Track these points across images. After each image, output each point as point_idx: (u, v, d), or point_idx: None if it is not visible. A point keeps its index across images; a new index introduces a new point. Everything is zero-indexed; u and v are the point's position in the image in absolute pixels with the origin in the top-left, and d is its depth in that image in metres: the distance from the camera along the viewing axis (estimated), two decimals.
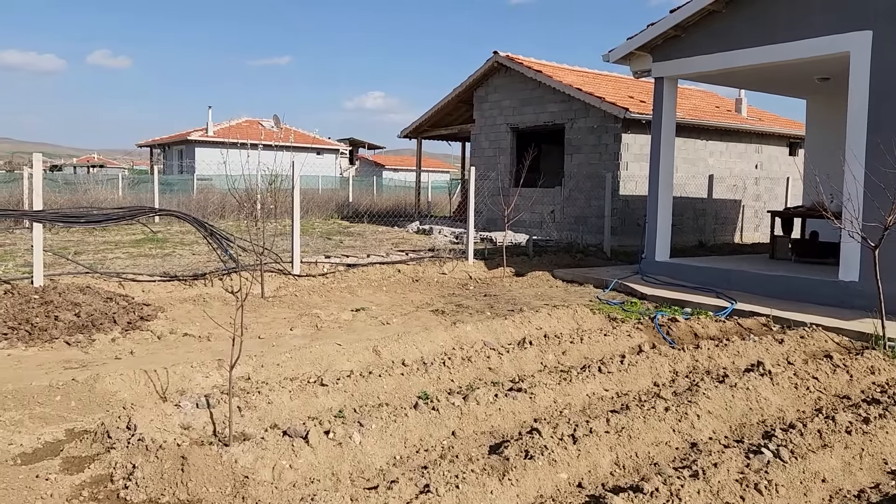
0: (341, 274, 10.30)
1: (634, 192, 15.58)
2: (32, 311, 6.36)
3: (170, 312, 7.44)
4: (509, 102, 18.09)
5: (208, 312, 7.61)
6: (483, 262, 11.98)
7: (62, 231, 16.45)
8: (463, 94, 19.33)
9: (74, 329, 6.26)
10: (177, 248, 13.95)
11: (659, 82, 10.41)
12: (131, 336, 6.39)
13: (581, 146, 16.20)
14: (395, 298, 8.89)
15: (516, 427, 4.48)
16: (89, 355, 5.87)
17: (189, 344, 6.34)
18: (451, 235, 17.81)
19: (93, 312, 6.54)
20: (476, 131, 19.20)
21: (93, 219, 8.45)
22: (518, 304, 8.58)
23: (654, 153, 10.57)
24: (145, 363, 5.62)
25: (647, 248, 10.63)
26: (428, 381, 5.21)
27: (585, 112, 15.97)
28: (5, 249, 12.95)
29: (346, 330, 7.02)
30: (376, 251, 14.15)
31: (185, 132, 34.33)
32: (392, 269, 10.79)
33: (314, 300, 8.55)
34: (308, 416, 4.51)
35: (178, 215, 9.33)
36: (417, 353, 6.12)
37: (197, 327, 6.94)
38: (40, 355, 5.77)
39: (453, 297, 9.03)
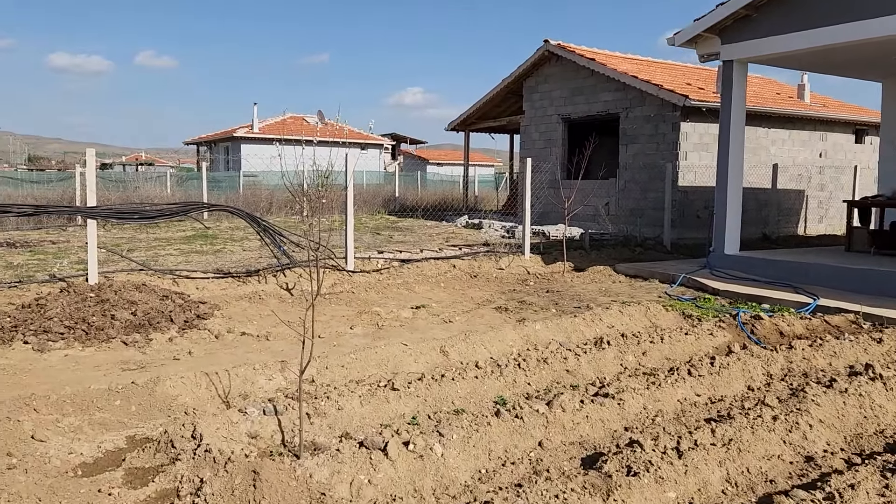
0: (395, 270, 10.00)
1: (694, 183, 14.96)
2: (88, 309, 6.19)
3: (226, 310, 7.23)
4: (560, 92, 17.59)
5: (265, 310, 7.38)
6: (540, 256, 11.57)
7: (114, 228, 16.56)
8: (512, 84, 18.89)
9: (131, 328, 6.07)
10: (227, 245, 13.85)
11: (727, 66, 9.85)
12: (188, 335, 6.18)
13: (637, 136, 15.63)
14: (454, 295, 8.55)
15: (606, 436, 4.09)
16: (147, 356, 5.66)
17: (248, 344, 6.10)
18: (502, 230, 17.41)
19: (149, 311, 6.34)
20: (526, 123, 18.75)
21: (146, 215, 8.31)
22: (583, 300, 8.16)
23: (722, 141, 10.01)
24: (204, 364, 5.38)
25: (716, 241, 10.09)
26: (503, 384, 4.86)
27: (641, 100, 15.39)
28: (59, 247, 12.99)
29: (408, 328, 6.70)
30: (428, 246, 13.85)
31: (231, 129, 34.56)
32: (447, 264, 10.45)
33: (371, 297, 8.26)
34: (380, 424, 4.20)
35: (231, 210, 9.15)
36: (486, 353, 5.77)
37: (254, 326, 6.70)
38: (97, 356, 5.59)
39: (514, 294, 8.65)
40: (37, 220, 16.56)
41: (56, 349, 5.67)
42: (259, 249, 13.05)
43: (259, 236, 9.30)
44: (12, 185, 27.42)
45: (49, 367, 5.27)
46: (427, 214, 20.45)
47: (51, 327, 5.89)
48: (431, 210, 20.62)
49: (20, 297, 7.40)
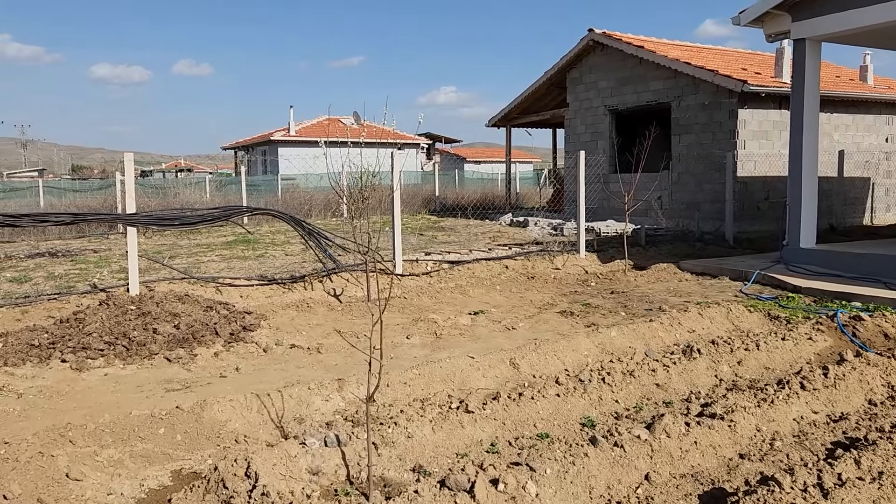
0: (446, 272, 9.48)
1: (753, 174, 14.15)
2: (129, 323, 5.79)
3: (273, 320, 6.79)
4: (606, 83, 16.89)
5: (313, 320, 6.93)
6: (595, 254, 10.95)
7: (155, 235, 16.37)
8: (555, 77, 18.24)
9: (174, 343, 5.66)
10: (269, 249, 13.50)
11: (800, 45, 9.11)
12: (235, 349, 5.74)
13: (690, 125, 14.87)
14: (512, 299, 8.00)
15: (720, 466, 3.50)
16: (192, 373, 5.23)
17: (298, 358, 5.63)
18: (549, 227, 16.78)
19: (193, 323, 5.92)
20: (570, 115, 18.08)
21: (187, 220, 7.94)
22: (653, 301, 7.54)
23: (795, 127, 9.27)
24: (253, 382, 4.93)
25: (790, 235, 9.35)
26: (588, 402, 4.29)
27: (694, 88, 14.62)
28: (101, 256, 12.78)
29: (469, 337, 6.17)
30: (475, 246, 13.31)
31: (268, 133, 34.47)
32: (499, 265, 9.90)
33: (424, 302, 7.75)
34: (455, 453, 3.68)
35: (274, 214, 8.73)
36: (560, 364, 5.22)
37: (304, 337, 6.24)
38: (139, 374, 5.17)
39: (577, 296, 8.06)
40: (78, 229, 16.46)
41: (95, 367, 5.27)
42: (302, 254, 12.67)
43: (303, 240, 8.86)
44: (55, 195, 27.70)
45: (88, 388, 4.86)
46: (469, 213, 19.91)
47: (90, 343, 5.50)
48: (473, 209, 20.08)
49: (59, 310, 7.08)
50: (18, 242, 15.49)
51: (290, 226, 8.81)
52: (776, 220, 14.39)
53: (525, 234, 16.15)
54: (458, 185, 36.41)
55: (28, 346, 5.60)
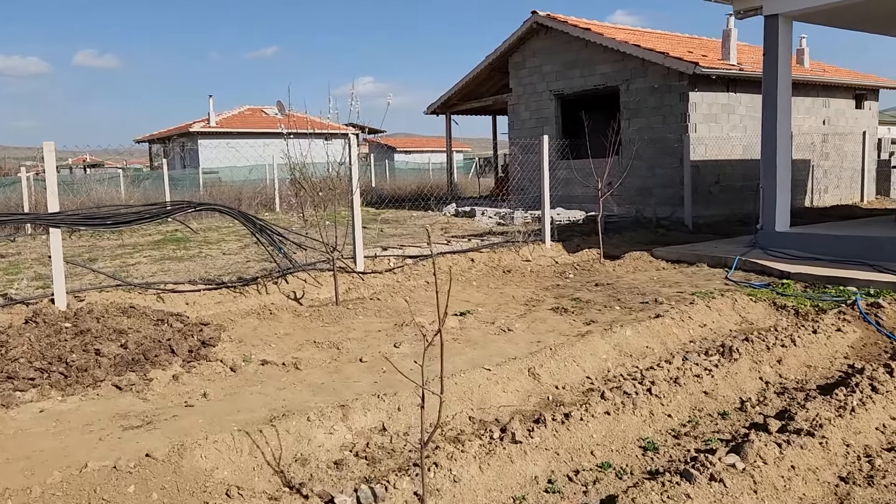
0: (409, 268, 8.75)
1: (705, 157, 13.99)
2: (65, 344, 4.82)
3: (233, 331, 5.90)
4: (551, 67, 16.45)
5: (279, 328, 6.08)
6: (560, 244, 10.45)
7: (72, 235, 14.86)
8: (496, 61, 17.67)
9: (123, 366, 4.72)
10: (203, 248, 12.41)
11: (772, 22, 8.81)
12: (197, 370, 4.85)
13: (640, 109, 14.59)
14: (493, 295, 7.36)
15: (828, 495, 2.96)
16: (150, 403, 4.34)
17: (275, 377, 4.81)
18: (497, 217, 16.25)
19: (142, 341, 4.99)
20: (514, 101, 17.57)
21: (122, 219, 6.90)
22: (645, 294, 7.05)
23: (768, 107, 9.00)
24: (229, 412, 4.09)
25: (765, 218, 9.08)
26: (640, 419, 3.69)
27: (643, 71, 14.34)
28: (10, 261, 11.38)
29: (465, 342, 5.48)
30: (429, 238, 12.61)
31: (186, 124, 32.56)
32: (465, 258, 9.24)
33: (399, 303, 7.00)
34: (512, 497, 3.00)
35: (221, 209, 7.78)
36: (580, 371, 4.61)
37: (275, 351, 5.40)
38: (84, 408, 4.24)
39: (560, 290, 7.49)
40: None
41: (27, 402, 4.30)
42: (241, 252, 11.68)
43: (256, 238, 7.95)
44: None
45: (20, 430, 3.91)
46: (408, 204, 19.16)
47: (17, 372, 4.51)
48: (412, 199, 19.34)
49: None
50: None
51: (237, 222, 7.87)
52: (728, 203, 14.33)
53: (474, 224, 15.56)
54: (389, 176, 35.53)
55: None
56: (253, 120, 34.27)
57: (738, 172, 14.41)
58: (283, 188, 21.78)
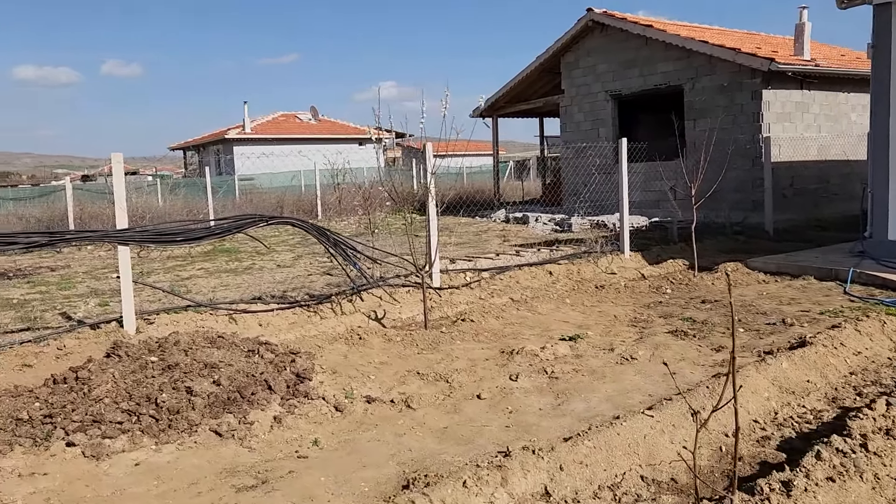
0: (486, 283, 8.16)
1: (779, 158, 13.20)
2: (153, 381, 4.29)
3: (323, 360, 5.34)
4: (607, 66, 15.77)
5: (373, 356, 5.52)
6: (639, 254, 9.79)
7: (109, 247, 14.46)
8: (547, 62, 17.04)
9: (218, 406, 4.18)
10: (256, 260, 11.95)
11: (883, 11, 8.08)
12: (300, 410, 4.29)
13: (706, 109, 13.87)
14: (592, 315, 6.73)
15: None
16: (256, 452, 3.78)
17: (388, 418, 4.23)
18: (552, 223, 15.61)
19: (235, 376, 4.45)
20: (566, 103, 16.92)
21: (192, 236, 6.40)
22: (765, 313, 6.37)
23: (878, 103, 8.26)
24: (353, 467, 3.53)
25: (875, 225, 8.34)
26: (867, 486, 3.05)
27: (710, 69, 13.61)
28: (61, 275, 10.99)
29: (589, 374, 4.86)
30: (487, 248, 12.05)
31: (222, 130, 32.36)
32: (542, 271, 8.63)
33: (493, 325, 6.41)
34: None
35: (294, 223, 7.25)
36: (745, 413, 3.98)
37: (376, 384, 4.83)
38: (185, 460, 3.69)
39: (665, 308, 6.84)
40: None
41: (118, 452, 3.77)
42: (295, 264, 11.19)
43: (330, 253, 7.40)
44: None
45: (118, 490, 3.38)
46: (455, 210, 18.57)
47: (103, 415, 3.99)
48: (460, 206, 18.76)
49: (38, 356, 5.49)
50: None
51: (282, 230, 7.33)
52: (802, 207, 13.55)
53: (530, 231, 14.95)
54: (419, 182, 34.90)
55: (14, 422, 4.05)
56: (287, 126, 34.01)
57: (812, 175, 13.63)
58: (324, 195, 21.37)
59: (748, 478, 3.30)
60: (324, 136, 33.45)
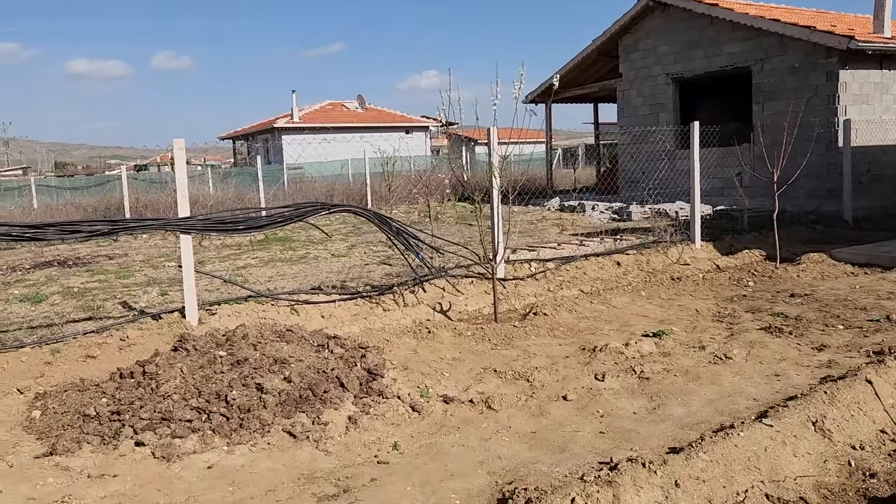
0: (552, 274, 7.80)
1: (855, 143, 12.47)
2: (222, 377, 4.07)
3: (392, 355, 5.08)
4: (668, 48, 15.16)
5: (444, 351, 5.23)
6: (710, 244, 9.30)
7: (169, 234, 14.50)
8: (604, 45, 16.49)
9: (290, 404, 3.95)
10: (309, 249, 11.79)
11: None
12: (375, 410, 4.03)
13: (777, 91, 13.19)
14: (671, 309, 6.34)
15: None
16: (333, 457, 3.53)
17: (470, 421, 3.94)
18: (609, 212, 15.12)
19: (305, 372, 4.21)
20: (624, 87, 16.35)
21: (254, 224, 6.22)
22: (864, 308, 5.88)
23: None
24: (439, 475, 3.25)
25: None
26: None
27: (782, 48, 12.93)
28: (118, 263, 10.99)
29: (684, 375, 4.49)
30: (545, 237, 11.66)
31: (270, 120, 32.52)
32: (609, 261, 8.23)
33: (565, 319, 6.06)
34: None
35: (356, 211, 7.00)
36: (870, 423, 3.60)
37: (451, 382, 4.55)
38: (259, 463, 3.46)
39: (750, 302, 6.40)
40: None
41: (189, 453, 3.56)
42: (350, 253, 10.99)
43: (391, 242, 7.14)
44: (47, 194, 25.65)
45: (191, 496, 3.16)
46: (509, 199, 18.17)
47: (172, 412, 3.79)
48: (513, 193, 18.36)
49: (101, 348, 5.36)
50: (19, 249, 13.63)
51: (366, 224, 7.07)
52: (880, 195, 12.80)
53: (586, 220, 14.49)
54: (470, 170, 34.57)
55: (81, 418, 3.88)
56: (334, 114, 33.99)
57: (891, 160, 12.86)
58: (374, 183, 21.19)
59: (887, 500, 2.92)
60: (370, 125, 33.34)
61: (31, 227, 5.34)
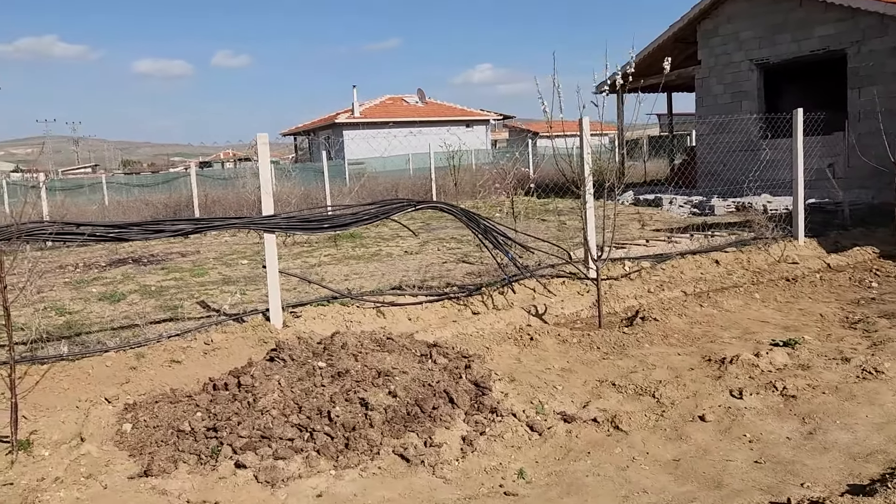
0: (647, 273, 7.29)
1: None
2: (323, 391, 3.74)
3: (494, 364, 4.68)
4: (752, 33, 14.32)
5: (549, 360, 4.81)
6: (814, 240, 8.61)
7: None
8: (682, 31, 15.72)
9: (398, 422, 3.59)
10: (381, 245, 11.50)
11: None
12: (490, 430, 3.64)
13: (875, 76, 12.27)
14: (791, 314, 5.77)
15: None
16: (453, 485, 3.16)
17: (599, 444, 3.51)
18: (689, 206, 14.42)
19: (410, 385, 3.85)
20: (703, 74, 15.57)
21: (339, 222, 5.91)
22: None
23: None
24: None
25: None
26: None
27: (882, 29, 12.01)
28: (192, 261, 10.90)
29: (834, 393, 3.96)
30: (632, 234, 11.09)
31: (331, 115, 32.55)
32: (707, 260, 7.66)
33: (676, 324, 5.56)
34: None
35: (443, 208, 6.63)
36: None
37: (566, 397, 4.13)
38: (372, 491, 3.11)
39: (884, 306, 5.79)
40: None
41: (293, 477, 3.23)
42: (422, 249, 10.65)
43: (479, 240, 6.75)
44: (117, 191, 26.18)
45: None
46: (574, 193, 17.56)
47: (272, 430, 3.47)
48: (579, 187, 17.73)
49: (187, 353, 5.12)
50: (93, 245, 13.77)
51: (459, 221, 6.68)
52: None
53: (664, 214, 13.81)
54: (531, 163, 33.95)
55: (175, 434, 3.60)
56: (395, 109, 33.82)
57: None
58: (438, 178, 20.87)
59: None
60: (431, 119, 33.02)
61: (115, 227, 5.14)
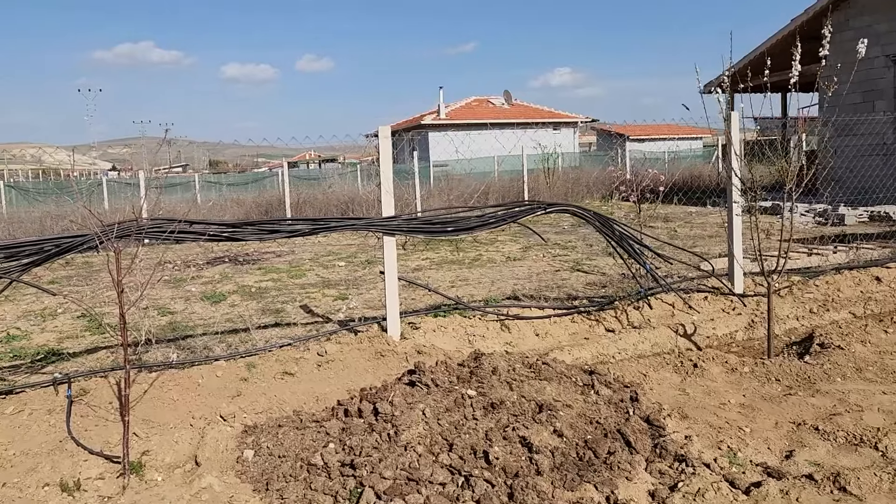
0: (798, 290, 6.41)
1: None
2: (475, 426, 3.15)
3: (656, 394, 3.98)
4: (888, 26, 13.05)
5: (718, 394, 4.07)
6: None
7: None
8: (806, 25, 14.49)
9: (570, 470, 2.96)
10: (480, 250, 10.93)
11: None
12: (684, 486, 2.95)
13: None
14: None
15: None
16: None
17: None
18: (811, 214, 13.26)
19: (576, 423, 3.21)
20: (827, 72, 14.28)
21: (463, 226, 5.33)
22: None
23: None
24: None
25: None
26: None
27: None
28: (287, 261, 10.61)
29: None
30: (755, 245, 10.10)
31: (417, 117, 32.28)
32: (867, 276, 6.72)
33: (862, 352, 4.70)
34: None
35: (575, 212, 5.96)
36: None
37: (760, 442, 3.39)
38: None
39: None
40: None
41: None
42: (525, 255, 10.01)
43: (613, 248, 6.05)
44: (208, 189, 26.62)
45: None
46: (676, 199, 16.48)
47: (419, 471, 2.90)
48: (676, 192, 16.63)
49: (300, 365, 4.66)
50: (188, 243, 13.73)
51: (592, 226, 5.99)
52: None
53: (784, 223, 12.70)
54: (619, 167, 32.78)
55: (306, 468, 3.08)
56: (480, 111, 33.29)
57: None
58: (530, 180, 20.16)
59: None
60: (518, 121, 32.29)
61: (229, 227, 4.71)
